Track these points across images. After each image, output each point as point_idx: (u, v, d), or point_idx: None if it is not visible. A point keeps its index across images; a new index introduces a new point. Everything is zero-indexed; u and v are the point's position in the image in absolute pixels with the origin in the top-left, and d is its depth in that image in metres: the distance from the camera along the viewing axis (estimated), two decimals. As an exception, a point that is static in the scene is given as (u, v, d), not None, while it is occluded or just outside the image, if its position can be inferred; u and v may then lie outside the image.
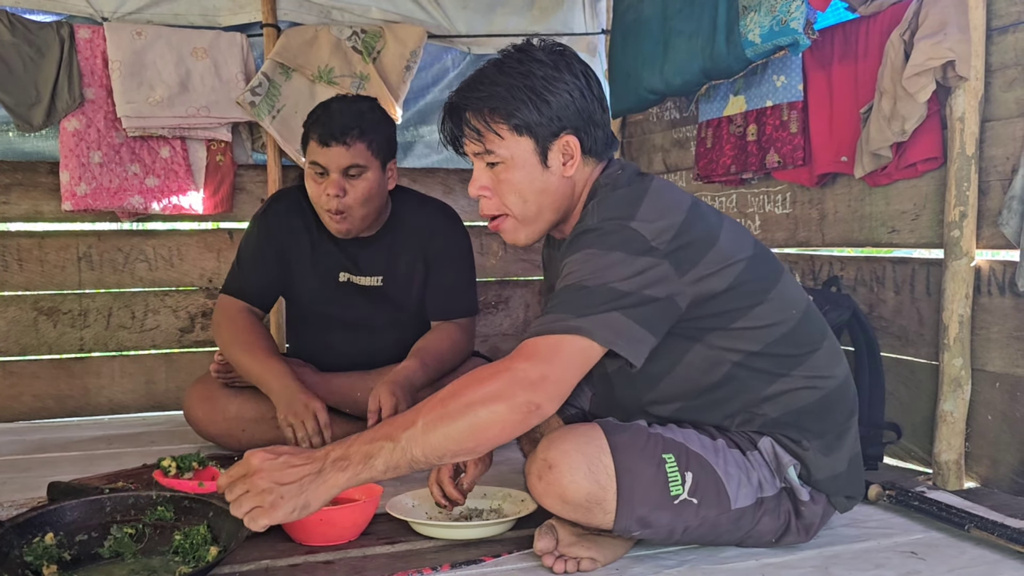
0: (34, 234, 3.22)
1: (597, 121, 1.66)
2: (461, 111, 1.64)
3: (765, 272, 1.67)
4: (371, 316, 2.61)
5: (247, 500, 1.39)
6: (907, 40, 2.18)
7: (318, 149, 2.35)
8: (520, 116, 1.60)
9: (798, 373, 1.66)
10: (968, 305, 2.15)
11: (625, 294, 1.48)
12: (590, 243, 1.54)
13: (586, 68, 1.67)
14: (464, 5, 3.51)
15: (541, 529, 1.64)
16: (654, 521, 1.56)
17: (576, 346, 1.45)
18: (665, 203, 1.58)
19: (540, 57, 1.62)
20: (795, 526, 1.69)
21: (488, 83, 1.61)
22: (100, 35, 3.08)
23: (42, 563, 1.54)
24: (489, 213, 1.68)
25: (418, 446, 1.39)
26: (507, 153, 1.62)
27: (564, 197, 1.67)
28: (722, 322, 1.62)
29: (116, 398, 3.24)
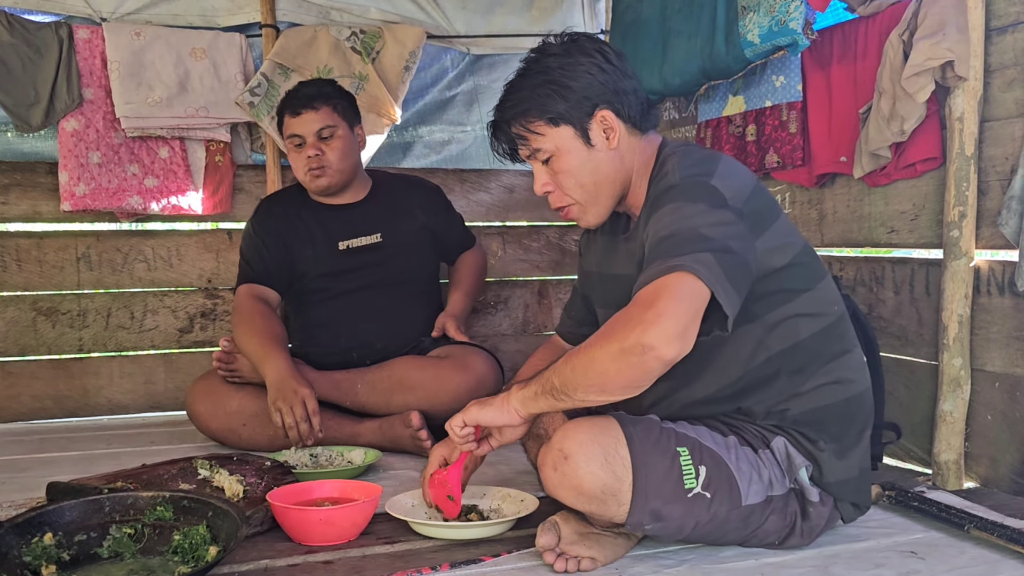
0: (33, 234, 3.21)
1: (625, 89, 1.71)
2: (503, 126, 1.75)
3: (815, 262, 1.73)
4: (374, 276, 2.76)
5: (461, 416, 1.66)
6: (906, 40, 2.19)
7: (292, 120, 2.67)
8: (550, 109, 1.68)
9: (829, 371, 1.68)
10: (967, 305, 2.15)
11: (712, 239, 1.49)
12: (674, 197, 1.58)
13: (600, 45, 1.72)
14: (463, 5, 3.51)
15: (544, 525, 1.64)
16: (667, 514, 1.56)
17: (683, 282, 1.43)
18: (738, 168, 1.65)
19: (552, 51, 1.71)
20: (799, 528, 1.69)
21: (515, 91, 1.72)
22: (99, 35, 3.08)
23: (41, 563, 1.54)
24: (557, 205, 1.78)
25: (570, 388, 1.51)
26: (552, 146, 1.70)
27: (617, 170, 1.72)
28: (774, 302, 1.64)
29: (115, 398, 3.24)
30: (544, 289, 3.69)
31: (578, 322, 2.04)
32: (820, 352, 1.68)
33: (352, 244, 2.76)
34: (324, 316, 2.76)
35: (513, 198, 3.66)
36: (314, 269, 2.74)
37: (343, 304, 2.74)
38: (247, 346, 2.49)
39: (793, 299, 1.66)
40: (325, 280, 2.74)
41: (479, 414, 1.64)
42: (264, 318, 2.58)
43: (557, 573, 1.60)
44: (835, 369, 1.69)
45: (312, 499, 1.88)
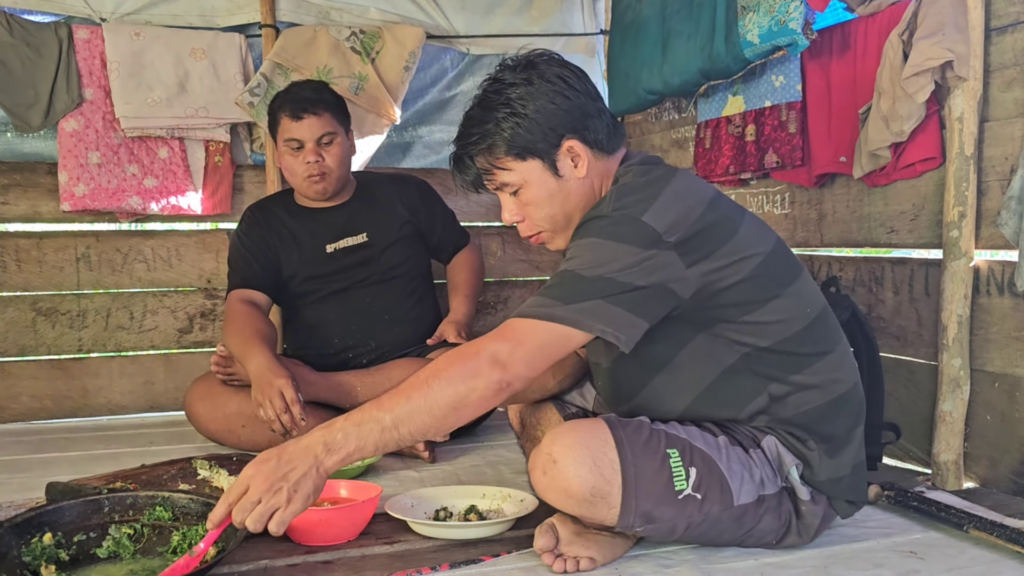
0: (32, 234, 3.21)
1: (591, 113, 1.67)
2: (466, 159, 1.71)
3: (783, 268, 1.69)
4: (363, 275, 2.77)
5: (261, 508, 1.42)
6: (906, 40, 2.19)
7: (292, 124, 2.63)
8: (515, 143, 1.64)
9: (809, 373, 1.67)
10: (967, 305, 2.15)
11: (619, 284, 1.51)
12: (598, 231, 1.57)
13: (560, 69, 1.67)
14: (463, 6, 3.51)
15: (541, 527, 1.64)
16: (658, 516, 1.56)
17: (554, 333, 1.52)
18: (684, 195, 1.60)
19: (510, 80, 1.65)
20: (796, 527, 1.69)
21: (477, 124, 1.67)
22: (98, 36, 3.08)
23: (40, 563, 1.54)
24: (527, 235, 1.76)
25: (404, 425, 1.47)
26: (519, 179, 1.67)
27: (587, 195, 1.70)
28: (732, 314, 1.62)
29: (114, 399, 3.24)
30: (544, 289, 3.69)
31: None
32: (794, 355, 1.66)
33: (339, 246, 2.75)
34: (316, 317, 2.76)
35: (513, 198, 3.65)
36: (302, 272, 2.74)
37: (334, 304, 2.74)
38: (232, 346, 2.50)
39: (755, 309, 1.63)
40: (314, 283, 2.75)
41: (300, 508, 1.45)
42: (247, 318, 2.57)
43: (556, 574, 1.60)
44: (817, 371, 1.67)
45: (311, 499, 1.88)
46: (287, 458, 1.45)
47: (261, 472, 1.43)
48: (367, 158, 3.34)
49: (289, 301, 2.82)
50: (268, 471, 1.43)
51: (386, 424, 1.47)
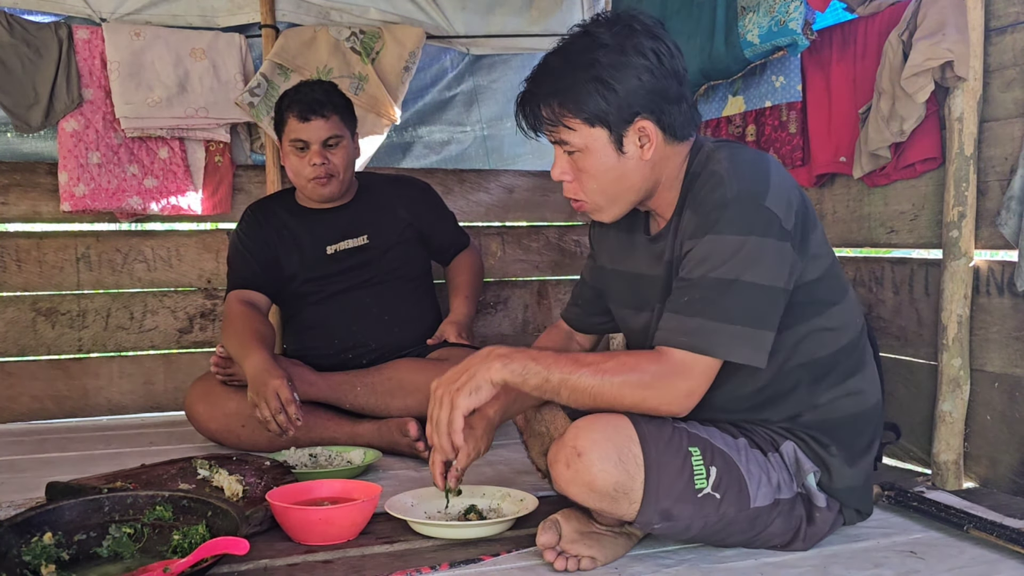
0: (32, 235, 3.21)
1: (672, 97, 1.59)
2: (534, 102, 1.62)
3: (842, 274, 1.71)
4: (363, 277, 2.75)
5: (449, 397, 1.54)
6: (905, 40, 2.19)
7: (299, 126, 2.61)
8: (589, 108, 1.56)
9: (847, 384, 1.68)
10: (967, 305, 2.15)
11: (767, 297, 1.51)
12: (729, 222, 1.53)
13: (657, 43, 1.58)
14: (463, 6, 3.51)
15: (545, 524, 1.63)
16: (677, 514, 1.55)
17: (716, 364, 1.53)
18: (785, 177, 1.59)
19: (605, 40, 1.56)
20: (804, 532, 1.68)
21: (556, 75, 1.58)
22: (99, 36, 3.08)
23: (40, 563, 1.54)
24: (571, 196, 1.69)
25: (567, 389, 1.53)
26: (581, 143, 1.60)
27: (644, 180, 1.64)
28: (807, 314, 1.62)
29: (114, 399, 3.24)
30: (544, 289, 3.69)
31: (587, 311, 2.01)
32: (839, 365, 1.68)
33: (339, 248, 2.74)
34: (316, 318, 2.76)
35: (512, 198, 3.66)
36: (302, 273, 2.74)
37: (334, 305, 2.74)
38: (230, 347, 2.49)
39: (822, 312, 1.64)
40: (314, 284, 2.74)
41: (469, 400, 1.54)
42: (245, 319, 2.56)
43: (557, 572, 1.60)
44: (852, 382, 1.69)
45: (311, 499, 1.88)
46: (467, 364, 1.56)
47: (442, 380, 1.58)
48: (367, 158, 3.34)
49: (289, 301, 2.81)
50: (445, 379, 1.57)
51: (552, 381, 1.53)
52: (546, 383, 1.53)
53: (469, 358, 1.58)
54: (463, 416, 1.54)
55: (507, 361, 1.54)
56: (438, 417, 1.56)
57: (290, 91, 2.71)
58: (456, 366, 1.58)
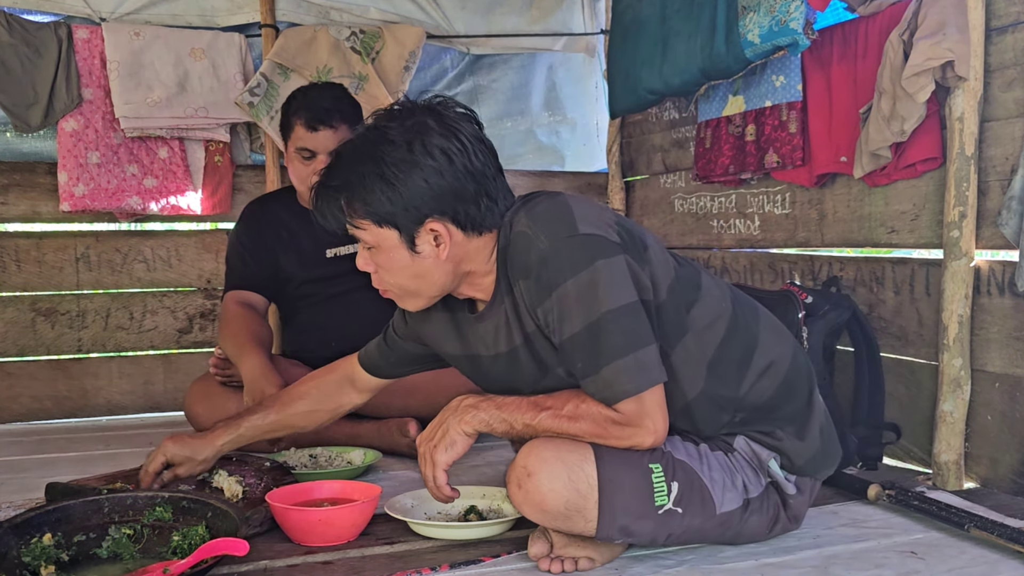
0: (32, 235, 3.21)
1: (467, 197, 1.52)
2: (325, 196, 1.56)
3: (688, 268, 1.68)
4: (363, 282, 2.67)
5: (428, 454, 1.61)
6: (906, 40, 2.18)
7: (306, 135, 2.53)
8: (374, 208, 1.51)
9: (754, 364, 1.65)
10: (967, 305, 2.14)
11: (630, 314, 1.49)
12: (557, 268, 1.50)
13: (449, 142, 1.50)
14: (463, 5, 3.50)
15: (534, 535, 1.64)
16: (637, 530, 1.56)
17: (657, 395, 1.53)
18: (589, 204, 1.59)
19: (393, 136, 1.50)
20: (784, 517, 1.70)
21: (343, 167, 1.53)
22: (98, 35, 3.08)
23: (40, 563, 1.54)
24: (378, 287, 1.65)
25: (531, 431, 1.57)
26: (373, 240, 1.55)
27: (446, 275, 1.59)
28: (682, 326, 1.60)
29: (114, 399, 3.24)
30: (544, 289, 3.68)
31: (397, 365, 1.93)
32: (734, 354, 1.64)
33: (339, 252, 2.71)
34: (313, 320, 2.74)
35: (513, 198, 3.65)
36: (301, 275, 2.72)
37: (332, 308, 2.72)
38: (227, 349, 2.49)
39: (690, 314, 1.61)
40: (312, 286, 2.73)
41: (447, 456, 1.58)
42: (242, 321, 2.55)
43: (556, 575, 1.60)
44: (756, 360, 1.65)
45: (311, 500, 1.88)
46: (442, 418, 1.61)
47: (420, 438, 1.64)
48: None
49: (287, 302, 2.81)
50: (422, 437, 1.63)
51: (517, 427, 1.57)
52: (511, 429, 1.57)
53: (443, 410, 1.62)
54: (444, 471, 1.59)
55: (475, 412, 1.57)
56: (424, 475, 1.62)
57: (298, 94, 2.61)
58: (433, 420, 1.63)
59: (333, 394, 1.99)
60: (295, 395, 1.99)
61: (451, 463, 1.59)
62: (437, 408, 2.49)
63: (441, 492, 1.61)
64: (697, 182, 3.12)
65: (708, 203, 3.11)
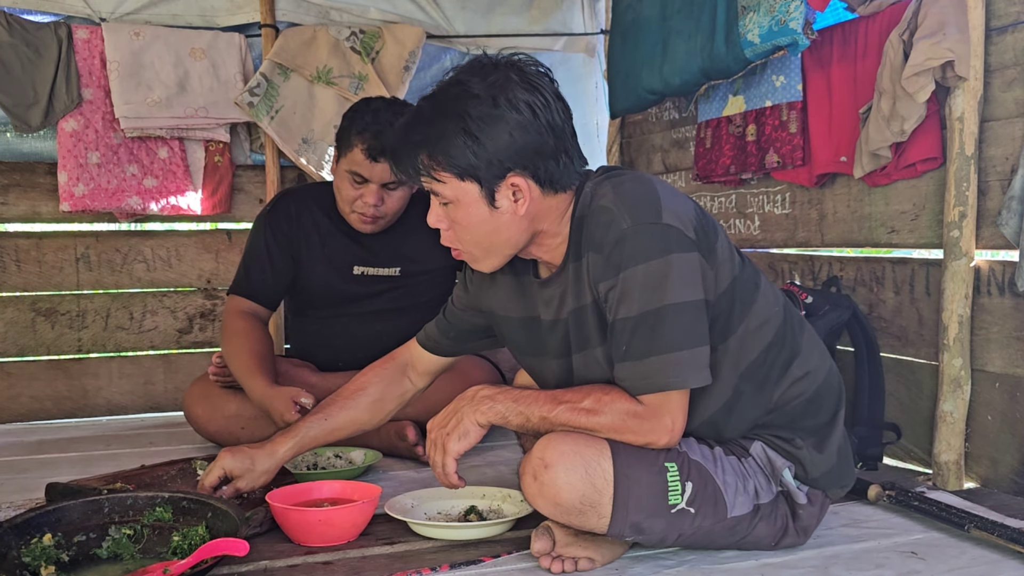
0: (32, 235, 3.21)
1: (548, 152, 1.53)
2: (402, 152, 1.57)
3: (751, 267, 1.69)
4: (385, 306, 2.67)
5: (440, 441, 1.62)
6: (906, 40, 2.18)
7: (364, 162, 2.39)
8: (458, 162, 1.51)
9: (791, 373, 1.66)
10: (968, 305, 2.14)
11: (692, 312, 1.50)
12: (633, 252, 1.50)
13: (532, 96, 1.51)
14: (463, 5, 3.51)
15: (538, 531, 1.64)
16: (648, 528, 1.55)
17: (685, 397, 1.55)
18: (674, 192, 1.59)
19: (477, 91, 1.50)
20: (792, 529, 1.68)
21: (425, 123, 1.53)
22: (98, 36, 3.08)
23: (40, 564, 1.54)
24: (448, 244, 1.65)
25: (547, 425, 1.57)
26: (452, 195, 1.55)
27: (521, 232, 1.59)
28: (731, 325, 1.60)
29: (114, 399, 3.24)
30: (544, 289, 3.68)
31: (457, 341, 1.93)
32: (777, 359, 1.65)
33: (367, 272, 2.63)
34: (325, 334, 2.68)
35: (513, 198, 3.65)
36: (323, 288, 2.63)
37: (347, 328, 2.65)
38: (231, 366, 2.43)
39: (744, 316, 1.62)
40: (331, 300, 2.65)
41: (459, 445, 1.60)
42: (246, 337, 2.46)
43: (556, 575, 1.60)
44: (794, 369, 1.66)
45: (311, 500, 1.88)
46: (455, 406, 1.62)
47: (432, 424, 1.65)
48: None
49: (302, 308, 2.74)
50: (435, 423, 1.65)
51: (533, 420, 1.57)
52: (527, 422, 1.58)
53: (458, 398, 1.63)
54: (454, 459, 1.60)
55: (492, 403, 1.59)
56: (434, 461, 1.63)
57: (367, 113, 2.42)
58: (448, 406, 1.64)
59: (396, 381, 1.97)
60: (355, 390, 1.94)
61: (462, 452, 1.60)
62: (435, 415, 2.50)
63: (449, 480, 1.62)
64: (697, 182, 3.12)
65: (708, 203, 3.11)
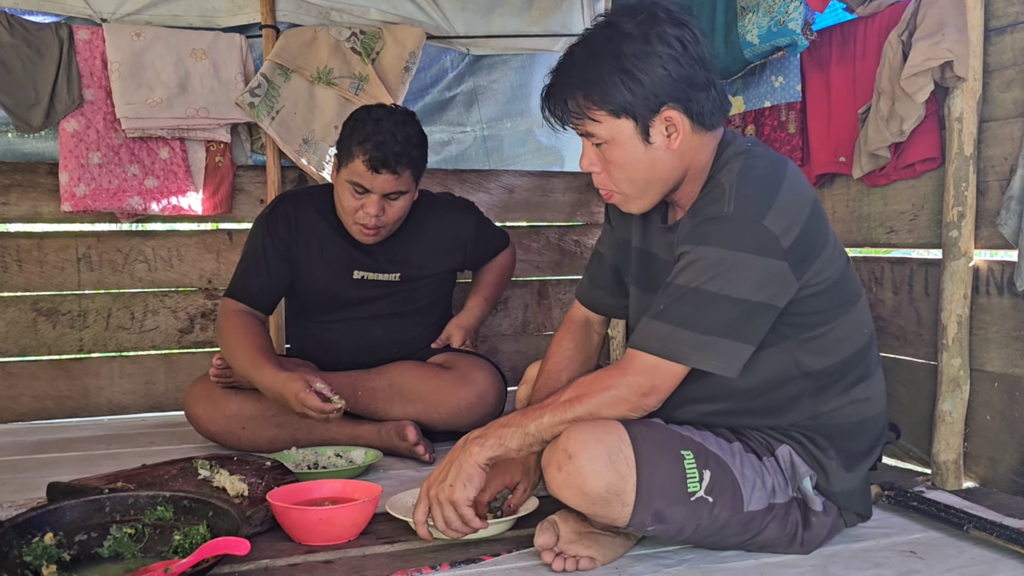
0: (33, 235, 3.21)
1: (699, 85, 1.57)
2: (559, 95, 1.61)
3: (853, 284, 1.70)
4: (385, 310, 2.68)
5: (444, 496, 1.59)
6: (905, 40, 2.19)
7: (366, 173, 2.39)
8: (614, 99, 1.55)
9: (852, 393, 1.68)
10: (966, 305, 2.15)
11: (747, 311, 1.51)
12: (719, 236, 1.52)
13: (682, 31, 1.56)
14: (463, 6, 3.51)
15: (542, 525, 1.64)
16: (669, 516, 1.55)
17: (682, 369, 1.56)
18: (796, 196, 1.57)
19: (628, 30, 1.55)
20: (800, 537, 1.68)
21: (580, 66, 1.58)
22: (99, 36, 3.08)
23: (41, 563, 1.54)
24: (600, 186, 1.69)
25: (546, 432, 1.57)
26: (607, 134, 1.59)
27: (673, 169, 1.63)
28: (804, 329, 1.62)
29: (115, 399, 3.24)
30: (544, 289, 3.69)
31: (607, 291, 1.97)
32: (846, 375, 1.67)
33: (367, 276, 2.64)
34: (324, 337, 2.70)
35: (513, 198, 3.66)
36: (323, 292, 2.64)
37: (346, 331, 2.66)
38: (235, 364, 2.44)
39: (828, 322, 1.64)
40: (331, 304, 2.66)
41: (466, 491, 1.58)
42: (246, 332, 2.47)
43: (556, 572, 1.61)
44: (858, 390, 1.68)
45: (312, 499, 1.89)
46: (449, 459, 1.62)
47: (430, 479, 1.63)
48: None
49: (301, 310, 2.75)
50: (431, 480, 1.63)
51: (531, 434, 1.58)
52: (525, 438, 1.58)
53: (449, 453, 1.63)
54: (468, 506, 1.59)
55: (483, 441, 1.59)
56: (447, 518, 1.60)
57: (368, 123, 2.41)
58: (438, 465, 1.64)
59: (586, 338, 2.00)
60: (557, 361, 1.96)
61: (472, 498, 1.59)
62: (436, 418, 2.52)
63: (471, 526, 1.60)
64: (697, 182, 3.12)
65: (708, 203, 3.12)
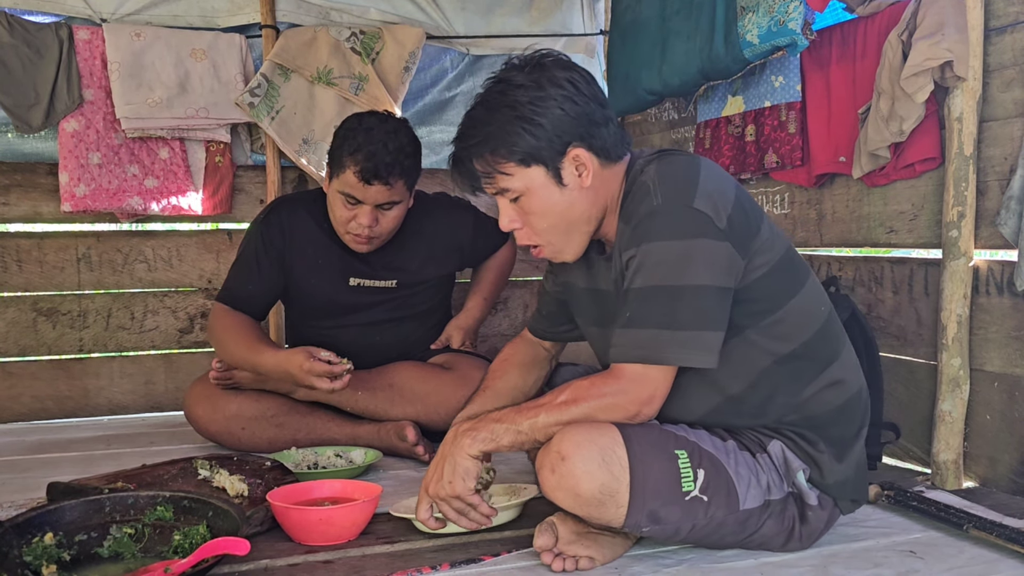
0: (33, 235, 3.22)
1: (598, 121, 1.61)
2: (465, 161, 1.64)
3: (799, 264, 1.70)
4: (382, 316, 2.67)
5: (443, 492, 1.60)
6: (905, 40, 2.19)
7: (358, 184, 2.35)
8: (520, 148, 1.58)
9: (826, 375, 1.67)
10: (966, 305, 2.15)
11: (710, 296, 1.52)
12: (658, 229, 1.54)
13: (571, 73, 1.61)
14: (463, 6, 3.51)
15: (541, 526, 1.64)
16: (664, 517, 1.55)
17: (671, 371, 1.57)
18: (717, 179, 1.60)
19: (520, 81, 1.59)
20: (798, 532, 1.68)
21: (480, 125, 1.61)
22: (99, 36, 3.08)
23: (41, 563, 1.55)
24: (526, 243, 1.70)
25: (539, 432, 1.57)
26: (521, 185, 1.61)
27: (591, 207, 1.65)
28: (758, 313, 1.62)
29: (115, 399, 3.24)
30: (544, 289, 3.68)
31: (553, 322, 1.99)
32: (815, 357, 1.67)
33: (363, 283, 2.63)
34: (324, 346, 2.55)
35: (513, 198, 3.65)
36: (319, 299, 2.63)
37: (344, 337, 2.64)
38: (233, 357, 2.44)
39: (779, 307, 1.63)
40: (327, 311, 2.66)
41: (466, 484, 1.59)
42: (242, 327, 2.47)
43: (556, 573, 1.61)
44: (831, 372, 1.68)
45: (312, 499, 1.89)
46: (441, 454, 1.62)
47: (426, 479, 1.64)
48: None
49: (299, 315, 2.75)
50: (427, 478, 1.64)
51: (523, 432, 1.58)
52: (518, 436, 1.59)
53: (440, 448, 1.64)
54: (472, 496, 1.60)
55: (474, 434, 1.59)
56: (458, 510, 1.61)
57: (359, 132, 2.36)
58: (432, 463, 1.65)
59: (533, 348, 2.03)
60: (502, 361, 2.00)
61: (472, 489, 1.60)
62: (436, 419, 2.52)
63: (480, 511, 1.62)
64: (697, 182, 3.12)
65: (708, 203, 3.12)
